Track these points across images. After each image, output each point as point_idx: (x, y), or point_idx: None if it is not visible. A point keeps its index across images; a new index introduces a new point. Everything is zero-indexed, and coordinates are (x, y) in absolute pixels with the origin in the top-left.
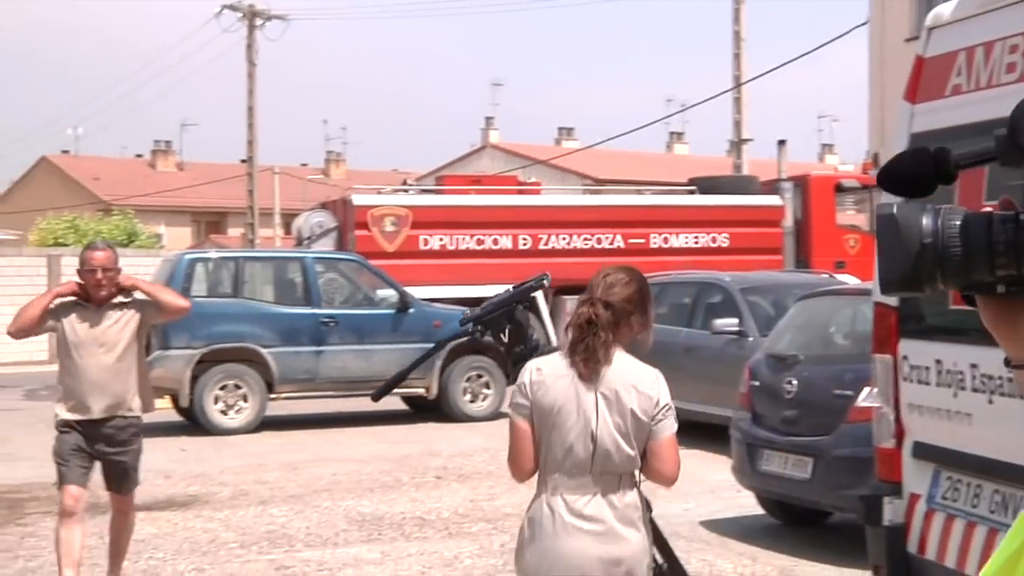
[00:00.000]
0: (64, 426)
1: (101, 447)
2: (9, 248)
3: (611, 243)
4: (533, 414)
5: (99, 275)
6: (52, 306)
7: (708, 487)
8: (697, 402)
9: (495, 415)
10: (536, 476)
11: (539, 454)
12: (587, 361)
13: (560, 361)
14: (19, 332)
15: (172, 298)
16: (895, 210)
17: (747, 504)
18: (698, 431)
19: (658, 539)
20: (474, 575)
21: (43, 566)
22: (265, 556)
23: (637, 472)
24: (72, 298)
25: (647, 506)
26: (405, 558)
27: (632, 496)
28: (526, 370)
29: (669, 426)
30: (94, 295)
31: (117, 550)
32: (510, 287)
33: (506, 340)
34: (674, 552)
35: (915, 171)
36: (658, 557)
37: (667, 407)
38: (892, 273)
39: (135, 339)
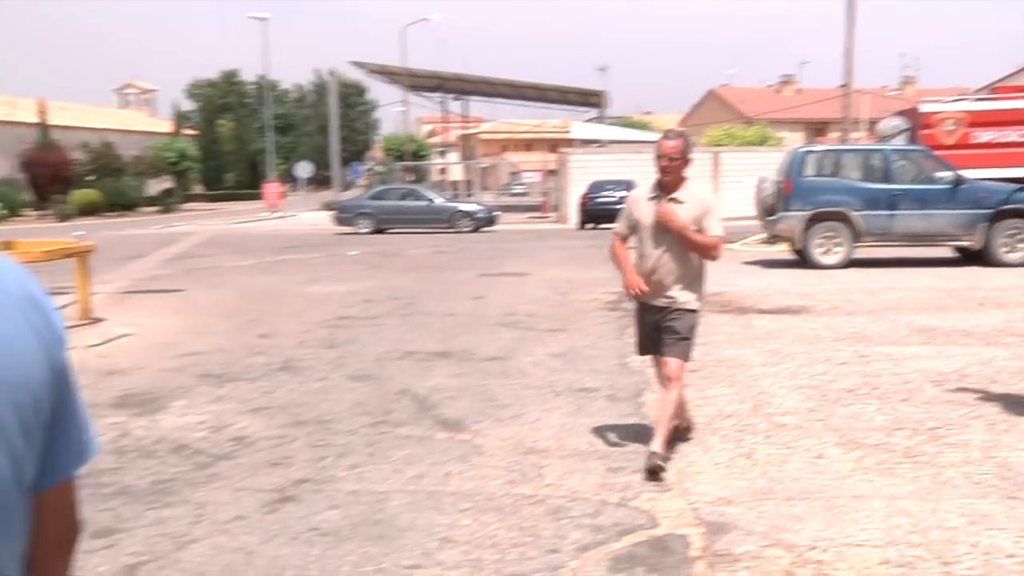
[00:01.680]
0: (637, 304)
1: (662, 321)
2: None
3: None
4: None
5: (664, 162)
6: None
7: None
8: None
9: None
10: None
11: None
12: None
13: None
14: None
15: (703, 245)
16: None
17: None
18: None
19: None
20: (1007, 371)
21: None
22: (851, 348)
23: None
24: (648, 192)
25: None
26: (951, 357)
27: None
28: None
29: None
30: (662, 179)
31: (662, 412)
32: None
33: None
34: None
35: None
36: None
37: None
38: None
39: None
